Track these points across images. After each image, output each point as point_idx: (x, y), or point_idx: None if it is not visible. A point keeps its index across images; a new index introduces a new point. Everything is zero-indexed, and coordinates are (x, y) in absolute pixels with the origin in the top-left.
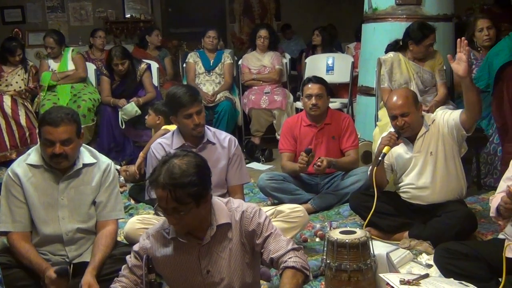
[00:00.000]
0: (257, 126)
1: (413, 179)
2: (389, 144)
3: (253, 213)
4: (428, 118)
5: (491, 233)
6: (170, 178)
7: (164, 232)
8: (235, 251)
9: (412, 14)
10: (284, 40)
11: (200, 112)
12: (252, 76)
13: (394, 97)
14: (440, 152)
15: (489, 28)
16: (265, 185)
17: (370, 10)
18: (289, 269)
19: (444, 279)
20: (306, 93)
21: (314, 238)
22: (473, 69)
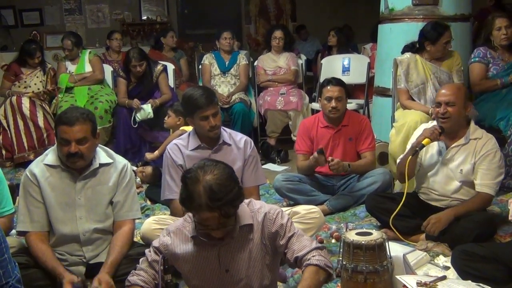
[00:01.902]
0: (273, 127)
1: (436, 186)
2: (430, 137)
3: (276, 214)
4: (473, 131)
5: (509, 235)
6: (215, 199)
7: (185, 229)
8: (256, 252)
9: (429, 14)
10: (300, 41)
11: (216, 114)
12: (267, 77)
13: (446, 86)
14: (468, 173)
15: (507, 27)
16: (280, 186)
17: (386, 10)
18: (312, 266)
19: (461, 281)
20: (326, 95)
21: (330, 240)
22: (490, 67)
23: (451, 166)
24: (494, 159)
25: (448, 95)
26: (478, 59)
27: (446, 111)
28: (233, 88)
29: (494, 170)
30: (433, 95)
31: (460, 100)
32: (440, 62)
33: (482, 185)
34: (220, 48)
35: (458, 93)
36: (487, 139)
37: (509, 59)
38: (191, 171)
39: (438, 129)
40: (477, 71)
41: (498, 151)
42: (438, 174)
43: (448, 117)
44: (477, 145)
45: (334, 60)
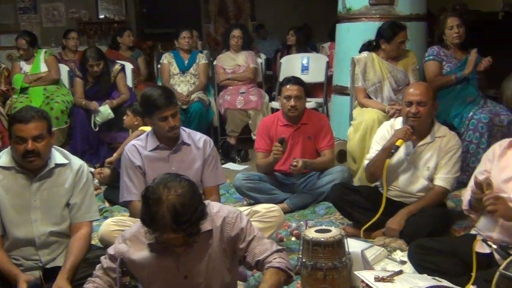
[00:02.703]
0: (233, 126)
1: (402, 184)
2: (403, 137)
3: (235, 218)
4: (437, 129)
5: (463, 229)
6: (180, 222)
7: (141, 236)
8: (215, 256)
9: (385, 14)
10: (259, 40)
11: (175, 115)
12: (227, 76)
13: (415, 85)
14: (434, 171)
15: (458, 26)
16: (241, 185)
17: (344, 10)
18: (273, 268)
19: (417, 275)
20: (285, 94)
21: (290, 237)
22: (444, 65)
23: (419, 165)
24: (455, 155)
25: (419, 95)
26: (432, 57)
27: (418, 111)
28: (192, 87)
29: (453, 165)
30: (389, 94)
31: (430, 100)
32: (396, 61)
33: (439, 178)
34: (179, 48)
35: (428, 93)
36: (451, 136)
37: (461, 57)
38: (153, 189)
39: (410, 129)
40: (432, 68)
41: (459, 148)
42: (405, 173)
43: (420, 117)
44: (442, 143)
45: (293, 59)
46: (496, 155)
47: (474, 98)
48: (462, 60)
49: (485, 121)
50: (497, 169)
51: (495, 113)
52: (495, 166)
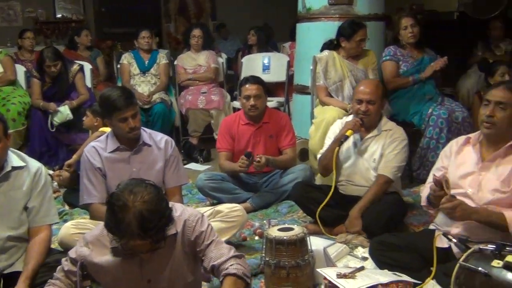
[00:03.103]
0: (195, 126)
1: (354, 177)
2: (353, 128)
3: (195, 221)
4: (385, 123)
5: (422, 224)
6: (147, 228)
7: (103, 239)
8: (178, 260)
9: (344, 13)
10: (220, 40)
11: (135, 116)
12: (188, 76)
13: (366, 83)
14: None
15: (413, 26)
16: (203, 185)
17: (304, 9)
18: (230, 276)
19: (378, 271)
20: (244, 94)
21: (253, 237)
22: (401, 65)
23: (366, 157)
24: (398, 146)
25: (369, 94)
26: (389, 57)
27: (367, 109)
28: (153, 87)
29: (396, 155)
30: (350, 92)
31: (379, 98)
32: (357, 60)
33: (382, 167)
34: (139, 47)
35: (377, 92)
36: (397, 130)
37: (417, 56)
38: (118, 195)
39: (359, 120)
40: (389, 68)
41: (404, 140)
42: (355, 166)
43: (369, 114)
44: (387, 135)
45: (254, 58)
46: (453, 152)
47: (432, 96)
48: (418, 59)
49: (445, 116)
50: (453, 165)
51: (451, 110)
52: (452, 163)
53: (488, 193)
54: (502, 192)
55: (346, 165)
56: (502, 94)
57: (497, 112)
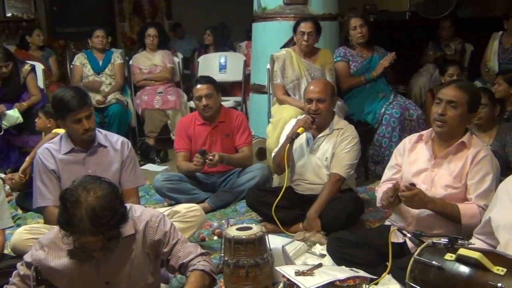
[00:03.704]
0: (151, 127)
1: (308, 176)
2: (303, 125)
3: (158, 222)
4: (337, 122)
5: (378, 220)
6: (99, 224)
7: (59, 242)
8: (137, 261)
9: (299, 13)
10: (176, 40)
11: (90, 116)
12: (143, 76)
13: (315, 82)
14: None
15: (361, 26)
16: (161, 186)
17: (259, 9)
18: (198, 271)
19: (336, 267)
20: (196, 95)
21: (212, 237)
22: (351, 65)
23: (318, 155)
24: (349, 144)
25: (318, 93)
26: (340, 58)
27: (318, 108)
28: (108, 88)
29: (347, 153)
30: None
31: (329, 97)
32: (314, 59)
33: (334, 166)
34: (93, 47)
35: (327, 90)
36: (348, 128)
37: (367, 55)
38: (71, 191)
39: (310, 118)
40: (342, 69)
41: (355, 138)
42: (308, 164)
43: (320, 113)
44: (339, 134)
45: (210, 58)
46: (406, 150)
47: (385, 94)
48: (368, 58)
49: (397, 115)
50: (407, 162)
51: (404, 108)
52: (406, 160)
53: (441, 189)
54: (454, 188)
55: (299, 164)
56: (453, 93)
57: (449, 111)
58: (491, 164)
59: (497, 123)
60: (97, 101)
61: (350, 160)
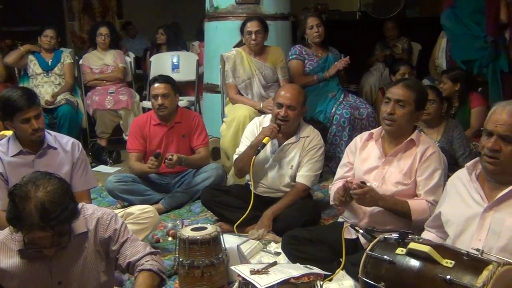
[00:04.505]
0: (103, 127)
1: (269, 181)
2: (270, 135)
3: (109, 219)
4: (303, 130)
5: (332, 217)
6: (49, 219)
7: (9, 242)
8: (90, 260)
9: (251, 12)
10: (128, 39)
11: (39, 116)
12: (94, 76)
13: (288, 88)
14: (297, 169)
15: (318, 25)
16: (113, 188)
17: (211, 8)
18: (146, 271)
19: (291, 265)
20: (152, 93)
21: (167, 238)
22: (306, 63)
23: (283, 163)
24: (316, 154)
25: (290, 99)
26: (295, 56)
27: (287, 115)
28: (57, 88)
29: (314, 164)
30: (259, 90)
31: (299, 105)
32: (265, 58)
33: (300, 176)
34: (41, 46)
35: (298, 98)
36: (315, 136)
37: (322, 54)
38: (21, 187)
39: (276, 127)
40: (295, 67)
41: (322, 147)
42: (271, 170)
43: (288, 120)
44: (305, 142)
45: (163, 57)
46: (358, 148)
47: (336, 93)
48: (323, 58)
49: (347, 116)
50: (359, 160)
51: (355, 107)
52: (357, 158)
53: (392, 186)
54: (404, 185)
55: (262, 169)
56: (401, 92)
57: (397, 110)
58: (439, 160)
59: (444, 120)
60: (46, 102)
61: (316, 170)
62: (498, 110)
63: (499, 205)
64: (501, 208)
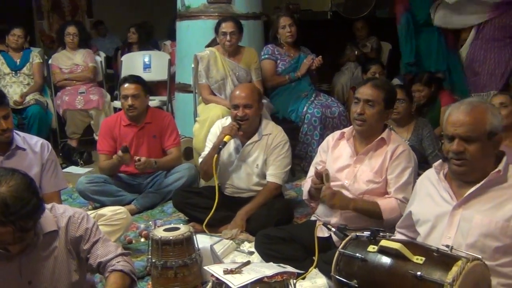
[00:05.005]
0: (73, 128)
1: (238, 182)
2: (230, 133)
3: (81, 218)
4: (265, 127)
5: (305, 216)
6: (9, 213)
7: None
8: (61, 259)
9: (223, 12)
10: (98, 38)
11: (7, 117)
12: (64, 75)
13: (241, 87)
14: (263, 167)
15: (291, 25)
16: (84, 189)
17: (183, 8)
18: (117, 272)
19: (264, 264)
20: (122, 94)
21: (139, 239)
22: (279, 63)
23: (248, 162)
24: (283, 151)
25: (245, 98)
26: (268, 56)
27: (245, 114)
28: (26, 88)
29: (282, 160)
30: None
31: (256, 102)
32: (239, 59)
33: (270, 175)
34: (9, 46)
35: (253, 95)
36: (277, 133)
37: (294, 54)
38: None
39: (236, 124)
40: (268, 67)
41: (286, 142)
42: (238, 171)
43: (247, 119)
44: (269, 140)
45: (134, 57)
46: (330, 146)
47: (307, 93)
48: (295, 57)
49: (318, 115)
50: (331, 159)
51: (326, 106)
52: (329, 157)
53: (363, 184)
54: (376, 183)
55: (228, 171)
56: (370, 92)
57: (367, 110)
58: (409, 158)
59: (414, 118)
60: (14, 102)
61: (285, 167)
62: (453, 112)
63: (467, 203)
64: (469, 206)
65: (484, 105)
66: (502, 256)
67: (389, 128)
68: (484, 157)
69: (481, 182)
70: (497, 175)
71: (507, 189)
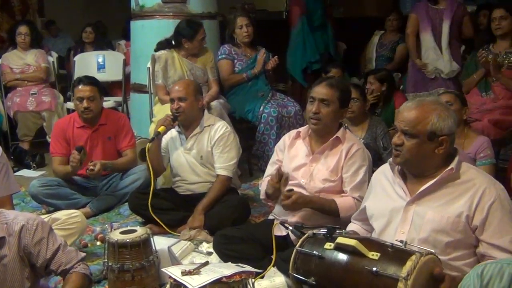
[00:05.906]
0: (25, 130)
1: (186, 176)
2: (164, 124)
3: (36, 225)
4: (207, 119)
5: (262, 215)
6: None
7: None
8: (11, 266)
9: (178, 12)
10: (50, 38)
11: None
12: (15, 76)
13: (178, 82)
14: (208, 158)
15: (247, 25)
16: (37, 192)
17: (137, 7)
18: (78, 273)
19: (223, 264)
20: (77, 96)
21: (95, 242)
22: (236, 63)
23: (193, 154)
24: (228, 143)
25: (179, 91)
26: (225, 56)
27: (179, 106)
28: None
29: (229, 152)
30: None
31: (191, 95)
32: (196, 59)
33: (219, 168)
34: None
35: (188, 89)
36: (219, 125)
37: (251, 54)
38: None
39: (170, 115)
40: (225, 67)
41: (231, 133)
42: (184, 164)
43: (182, 111)
44: (211, 131)
45: (88, 57)
46: (286, 146)
47: (264, 92)
48: (252, 57)
49: (274, 115)
50: (287, 158)
51: (282, 106)
52: (286, 156)
53: (319, 182)
54: (331, 181)
55: (176, 165)
56: (324, 91)
57: (322, 109)
58: (363, 157)
59: (368, 117)
60: None
61: (234, 158)
62: (403, 106)
63: (421, 199)
64: (422, 202)
65: (434, 105)
66: (453, 251)
67: (344, 127)
68: (421, 156)
69: (434, 179)
70: (449, 173)
71: (459, 186)
